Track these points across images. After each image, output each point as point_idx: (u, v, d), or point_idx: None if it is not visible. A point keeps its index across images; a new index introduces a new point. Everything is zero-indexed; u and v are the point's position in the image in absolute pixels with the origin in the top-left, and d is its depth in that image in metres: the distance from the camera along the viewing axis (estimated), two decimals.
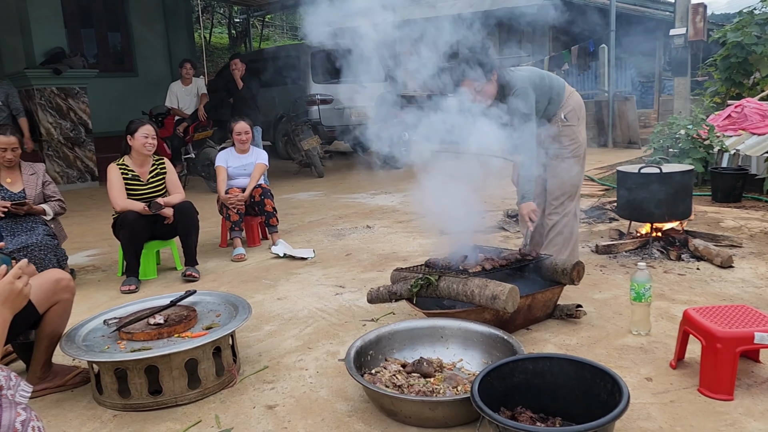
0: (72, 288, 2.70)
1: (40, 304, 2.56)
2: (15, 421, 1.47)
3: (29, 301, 2.45)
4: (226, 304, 3.04)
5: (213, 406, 2.58)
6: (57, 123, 9.22)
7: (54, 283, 2.61)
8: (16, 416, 1.48)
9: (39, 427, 1.52)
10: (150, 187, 4.44)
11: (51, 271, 2.68)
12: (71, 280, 2.71)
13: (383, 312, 3.53)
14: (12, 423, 1.47)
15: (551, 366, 2.27)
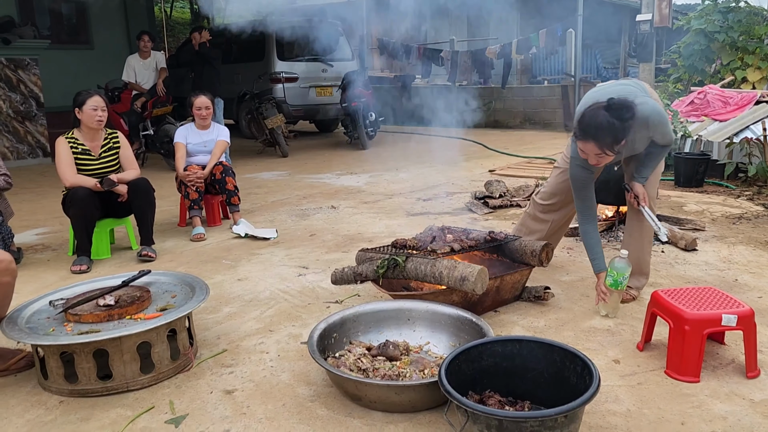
0: (13, 270, 2.52)
1: None
2: None
3: None
4: (182, 285, 2.89)
5: (167, 392, 2.45)
6: (6, 96, 8.78)
7: None
8: None
9: None
10: (102, 163, 4.22)
11: None
12: (12, 262, 2.52)
13: (348, 294, 3.43)
14: None
15: (520, 349, 2.21)
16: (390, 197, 6.08)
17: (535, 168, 7.33)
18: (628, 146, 2.94)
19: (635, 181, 3.14)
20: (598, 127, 2.68)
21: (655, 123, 2.92)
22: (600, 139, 2.69)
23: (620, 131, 2.70)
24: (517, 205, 5.43)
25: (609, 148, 2.71)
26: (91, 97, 4.10)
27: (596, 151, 2.74)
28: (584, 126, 2.73)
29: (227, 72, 9.84)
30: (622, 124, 2.69)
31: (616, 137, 2.70)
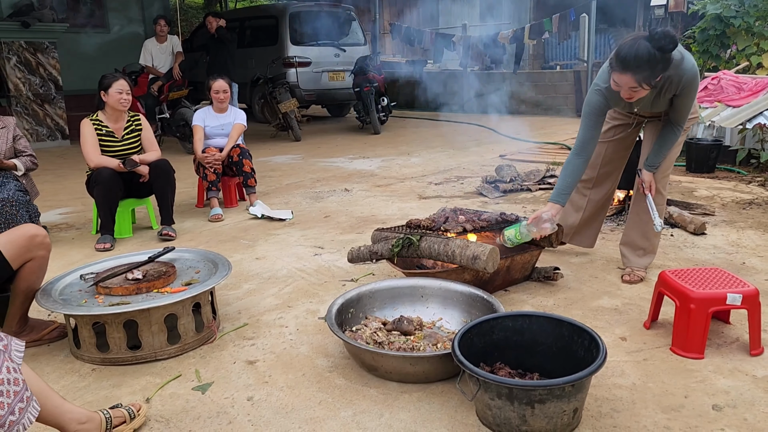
0: (47, 244, 2.64)
1: (14, 259, 2.51)
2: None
3: (2, 255, 2.41)
4: (205, 261, 3.01)
5: (193, 361, 2.57)
6: (26, 78, 8.93)
7: (28, 239, 2.54)
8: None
9: (14, 368, 1.55)
10: (125, 144, 4.34)
11: (25, 226, 2.60)
12: (47, 236, 2.64)
13: (362, 272, 3.54)
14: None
15: (530, 323, 2.31)
16: (402, 181, 6.17)
17: (546, 153, 7.38)
18: (656, 96, 2.90)
19: (645, 169, 3.20)
20: (637, 58, 2.58)
21: (689, 79, 2.83)
22: (638, 71, 2.61)
23: (660, 63, 2.61)
24: (527, 189, 5.50)
25: (646, 81, 2.63)
26: (117, 80, 4.21)
27: (632, 84, 2.65)
28: (622, 57, 2.62)
29: (241, 56, 9.93)
30: (663, 55, 2.59)
31: (654, 70, 2.62)
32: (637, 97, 2.77)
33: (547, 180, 5.65)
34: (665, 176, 3.29)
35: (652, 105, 3.02)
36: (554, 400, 1.92)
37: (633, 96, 2.75)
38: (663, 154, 3.15)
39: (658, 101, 2.98)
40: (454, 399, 2.23)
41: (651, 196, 3.16)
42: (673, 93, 2.91)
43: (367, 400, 2.24)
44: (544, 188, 5.52)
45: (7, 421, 1.47)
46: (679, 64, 2.79)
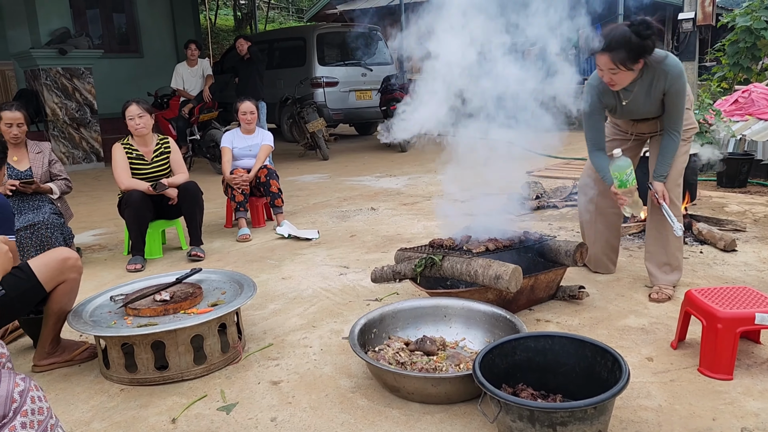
0: (79, 267, 2.72)
1: (47, 282, 2.59)
2: (13, 392, 1.48)
3: (35, 277, 2.49)
4: (231, 282, 3.07)
5: (218, 382, 2.61)
6: (62, 103, 9.24)
7: (61, 262, 2.63)
8: (14, 386, 1.49)
9: (39, 397, 1.54)
10: (154, 167, 4.46)
11: (58, 250, 2.69)
12: (78, 260, 2.72)
13: (387, 292, 3.55)
14: (10, 393, 1.48)
15: (553, 344, 2.29)
16: (428, 199, 6.18)
17: (573, 169, 7.32)
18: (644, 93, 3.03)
19: (655, 180, 3.21)
20: (614, 39, 2.80)
21: (674, 76, 2.95)
22: (615, 52, 2.80)
23: (636, 47, 2.78)
24: (554, 206, 5.47)
25: (623, 62, 2.81)
26: (128, 107, 4.34)
27: (610, 64, 2.84)
28: (603, 38, 2.84)
29: (269, 77, 10.11)
30: (639, 40, 2.77)
31: (631, 52, 2.79)
32: (620, 84, 2.94)
33: (573, 197, 5.61)
34: (677, 185, 3.29)
35: (643, 104, 3.10)
36: (577, 423, 1.90)
37: (613, 80, 2.92)
38: (668, 163, 3.18)
39: (649, 100, 3.07)
40: (477, 420, 2.22)
41: (666, 204, 3.17)
42: (662, 91, 3.02)
43: (389, 422, 2.25)
44: (571, 205, 5.47)
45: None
46: (662, 60, 2.94)
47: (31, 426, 1.50)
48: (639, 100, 3.09)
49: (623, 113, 3.25)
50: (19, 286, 2.48)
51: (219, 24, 22.87)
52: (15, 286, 2.45)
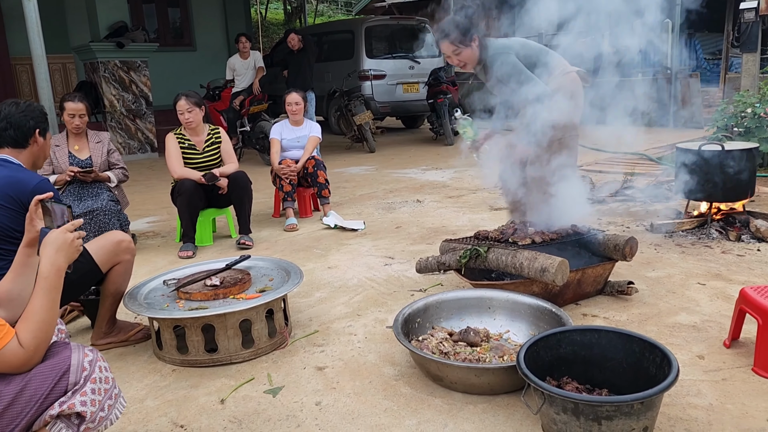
0: (132, 249, 2.83)
1: (103, 263, 2.70)
2: (83, 361, 1.59)
3: (93, 260, 2.60)
4: (278, 270, 3.13)
5: (265, 366, 2.68)
6: (120, 95, 9.55)
7: (116, 244, 2.74)
8: (84, 356, 1.60)
9: (105, 367, 1.64)
10: (205, 156, 4.57)
11: (112, 233, 2.81)
12: (131, 242, 2.84)
13: (431, 283, 3.56)
14: (81, 362, 1.58)
15: (599, 338, 2.26)
16: (474, 192, 6.15)
17: (624, 164, 7.15)
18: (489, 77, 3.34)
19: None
20: (445, 25, 3.21)
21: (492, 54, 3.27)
22: (449, 35, 3.20)
23: (464, 24, 3.20)
24: (603, 201, 5.35)
25: (459, 41, 3.21)
26: (177, 101, 4.48)
27: (451, 47, 3.24)
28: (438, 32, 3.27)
29: (318, 70, 10.21)
30: (464, 19, 3.21)
31: (461, 29, 3.19)
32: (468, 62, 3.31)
33: (623, 191, 5.48)
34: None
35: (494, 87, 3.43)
36: (622, 417, 1.88)
37: (463, 60, 3.29)
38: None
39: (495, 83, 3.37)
40: (520, 412, 2.21)
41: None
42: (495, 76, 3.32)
43: (432, 410, 2.26)
44: (621, 200, 5.36)
45: (97, 417, 1.60)
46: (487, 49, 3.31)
47: (99, 393, 1.59)
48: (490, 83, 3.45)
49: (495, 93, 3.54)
50: (78, 269, 2.59)
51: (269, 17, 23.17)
52: (75, 269, 2.56)
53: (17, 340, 1.51)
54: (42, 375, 1.54)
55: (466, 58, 3.30)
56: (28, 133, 2.48)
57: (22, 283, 1.78)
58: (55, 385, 1.55)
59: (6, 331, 1.49)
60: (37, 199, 1.79)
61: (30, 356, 1.53)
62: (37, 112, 2.53)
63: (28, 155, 2.51)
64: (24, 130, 2.47)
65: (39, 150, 2.54)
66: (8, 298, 1.76)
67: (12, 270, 1.78)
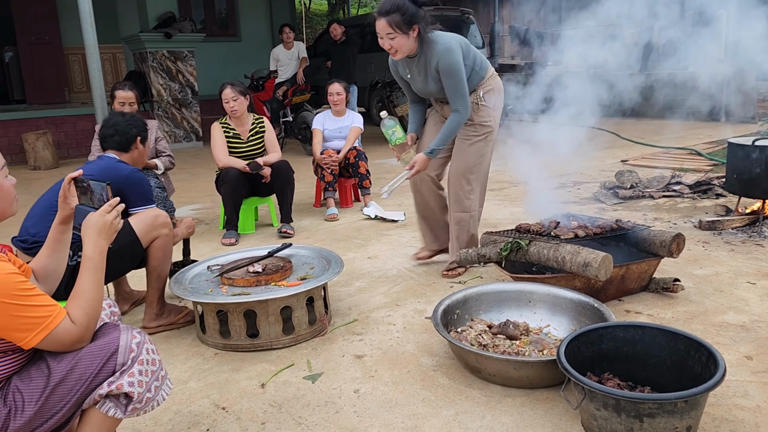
0: (169, 224, 2.90)
1: (143, 236, 2.79)
2: (131, 343, 1.64)
3: (134, 233, 2.69)
4: (319, 258, 3.17)
5: (305, 352, 2.72)
6: (167, 85, 9.76)
7: (153, 218, 2.83)
8: (132, 338, 1.65)
9: (152, 349, 1.69)
10: (250, 145, 4.64)
11: (150, 209, 2.89)
12: (167, 217, 2.91)
13: (471, 275, 3.55)
14: (129, 344, 1.64)
15: (643, 335, 2.22)
16: (515, 185, 6.08)
17: (673, 159, 6.97)
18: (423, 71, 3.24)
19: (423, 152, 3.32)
20: (390, 3, 3.03)
21: (440, 51, 3.12)
22: (390, 15, 3.02)
23: (410, 11, 3.03)
24: (649, 196, 5.24)
25: (398, 25, 3.03)
26: (223, 90, 4.54)
27: (387, 29, 3.04)
28: (380, 5, 3.07)
29: (360, 61, 10.22)
30: (413, 6, 3.05)
31: (405, 16, 3.02)
32: (400, 51, 3.12)
33: (672, 187, 5.35)
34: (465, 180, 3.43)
35: (423, 81, 3.29)
36: (665, 416, 1.84)
37: (393, 47, 3.10)
38: (441, 139, 3.27)
39: (429, 79, 3.25)
40: (559, 407, 2.19)
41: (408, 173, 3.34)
42: (436, 69, 3.18)
43: (470, 401, 2.26)
44: (668, 195, 5.23)
45: (144, 398, 1.65)
46: (432, 45, 3.15)
47: (146, 374, 1.64)
48: (419, 78, 3.30)
49: (415, 89, 3.43)
50: (120, 240, 2.69)
51: (313, 9, 23.30)
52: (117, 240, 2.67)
53: (69, 319, 1.56)
54: (91, 354, 1.60)
55: (399, 45, 3.10)
56: (131, 139, 2.97)
57: (57, 259, 1.84)
58: (104, 365, 1.60)
59: (59, 310, 1.54)
60: (70, 177, 1.82)
61: (82, 333, 1.58)
62: (139, 123, 3.02)
63: (128, 159, 2.97)
64: (128, 137, 2.95)
65: (138, 155, 3.02)
66: (45, 274, 1.82)
67: (47, 246, 1.83)
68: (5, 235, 3.25)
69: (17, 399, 1.54)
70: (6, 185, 1.60)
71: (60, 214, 1.83)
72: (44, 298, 1.53)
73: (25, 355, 1.59)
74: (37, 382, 1.56)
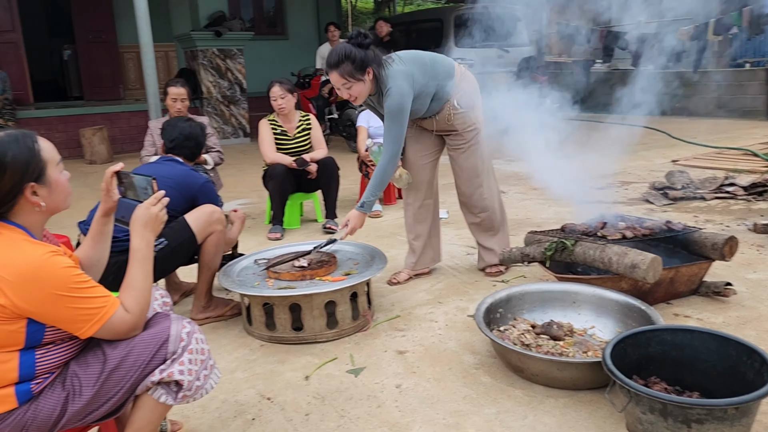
0: (222, 220, 2.98)
1: (198, 233, 2.87)
2: (182, 332, 1.70)
3: (191, 229, 2.78)
4: (363, 254, 3.21)
5: (348, 347, 2.75)
6: (216, 82, 9.97)
7: (209, 215, 2.90)
8: (182, 328, 1.71)
9: (201, 339, 1.75)
10: (296, 142, 4.71)
11: (206, 206, 2.96)
12: (222, 213, 3.00)
13: (514, 275, 3.53)
14: (179, 333, 1.69)
15: (692, 339, 2.17)
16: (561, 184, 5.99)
17: (727, 159, 6.75)
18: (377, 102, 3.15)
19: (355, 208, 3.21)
20: (337, 55, 2.91)
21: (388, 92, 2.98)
22: (340, 66, 2.90)
23: (359, 57, 2.90)
24: (701, 197, 5.09)
25: (350, 74, 2.91)
26: (271, 87, 4.63)
27: (341, 80, 2.93)
28: (328, 60, 2.95)
29: None
30: (361, 50, 2.92)
31: (355, 62, 2.90)
32: (360, 96, 3.01)
33: (724, 188, 5.19)
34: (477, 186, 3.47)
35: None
36: (714, 422, 1.80)
37: (353, 94, 2.99)
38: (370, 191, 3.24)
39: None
40: (603, 409, 2.17)
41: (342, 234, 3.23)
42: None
43: (512, 401, 2.26)
44: (721, 197, 5.07)
45: (193, 386, 1.71)
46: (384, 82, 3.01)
47: (195, 363, 1.70)
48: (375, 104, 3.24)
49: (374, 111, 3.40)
50: (178, 237, 2.80)
51: (359, 7, 23.39)
52: (175, 237, 2.79)
53: (123, 308, 1.63)
54: (144, 342, 1.66)
55: (357, 92, 2.98)
56: (197, 151, 3.19)
57: (100, 250, 1.89)
58: (156, 353, 1.66)
59: (113, 300, 1.61)
60: (112, 171, 1.85)
61: (135, 321, 1.65)
62: (203, 137, 3.22)
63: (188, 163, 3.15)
64: (200, 148, 3.20)
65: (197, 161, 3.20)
66: (89, 264, 1.88)
67: (89, 238, 1.89)
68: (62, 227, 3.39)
69: (75, 383, 1.61)
70: (62, 180, 1.66)
71: (102, 206, 1.87)
72: (99, 290, 1.59)
73: (82, 341, 1.67)
74: (93, 367, 1.63)
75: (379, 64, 3.01)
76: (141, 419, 1.71)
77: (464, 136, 3.34)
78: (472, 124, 3.32)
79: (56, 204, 1.66)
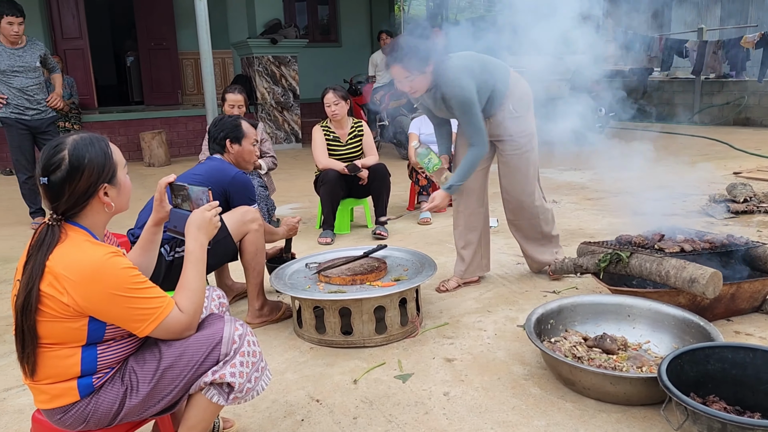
0: (258, 219, 3.02)
1: (234, 232, 2.92)
2: (234, 334, 1.74)
3: (227, 229, 2.83)
4: (413, 260, 3.21)
5: (396, 352, 2.76)
6: (270, 88, 10.17)
7: (242, 214, 2.96)
8: (235, 330, 1.75)
9: (253, 341, 1.79)
10: (348, 148, 4.77)
11: (240, 207, 3.01)
12: (257, 212, 3.04)
13: (565, 285, 3.47)
14: (232, 335, 1.74)
15: (754, 358, 2.09)
16: (615, 195, 5.86)
17: None
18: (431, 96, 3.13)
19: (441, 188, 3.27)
20: (401, 48, 2.93)
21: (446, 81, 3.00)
22: (404, 60, 2.92)
23: (423, 50, 2.93)
24: (765, 211, 4.89)
25: (414, 68, 2.94)
26: (326, 94, 4.70)
27: (404, 73, 2.96)
28: (390, 52, 2.99)
29: None
30: (424, 42, 2.94)
31: (419, 56, 2.93)
32: (420, 90, 3.05)
33: None
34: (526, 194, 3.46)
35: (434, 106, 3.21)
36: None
37: (414, 88, 3.03)
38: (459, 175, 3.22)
39: (436, 104, 3.17)
40: (658, 426, 2.11)
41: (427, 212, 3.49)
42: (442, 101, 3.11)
43: (562, 413, 2.22)
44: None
45: (245, 388, 1.75)
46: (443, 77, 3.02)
47: (246, 365, 1.74)
48: (429, 101, 3.21)
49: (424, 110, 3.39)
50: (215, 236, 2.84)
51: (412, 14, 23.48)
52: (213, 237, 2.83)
53: (178, 308, 1.68)
54: (198, 343, 1.71)
55: (418, 85, 3.03)
56: (222, 142, 3.18)
57: (148, 258, 1.94)
58: (209, 354, 1.70)
59: (168, 301, 1.66)
60: (165, 182, 1.91)
61: (189, 321, 1.69)
62: (227, 125, 3.20)
63: (231, 159, 3.19)
64: (218, 140, 3.18)
65: (237, 155, 3.20)
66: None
67: (138, 246, 1.95)
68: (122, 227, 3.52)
69: (133, 379, 1.68)
70: (127, 182, 1.73)
71: (154, 215, 1.94)
72: (156, 290, 1.65)
73: (141, 338, 1.73)
74: (150, 364, 1.69)
75: (440, 58, 3.03)
76: (194, 417, 1.76)
77: (518, 141, 3.31)
78: (527, 129, 3.31)
79: (121, 204, 1.73)
